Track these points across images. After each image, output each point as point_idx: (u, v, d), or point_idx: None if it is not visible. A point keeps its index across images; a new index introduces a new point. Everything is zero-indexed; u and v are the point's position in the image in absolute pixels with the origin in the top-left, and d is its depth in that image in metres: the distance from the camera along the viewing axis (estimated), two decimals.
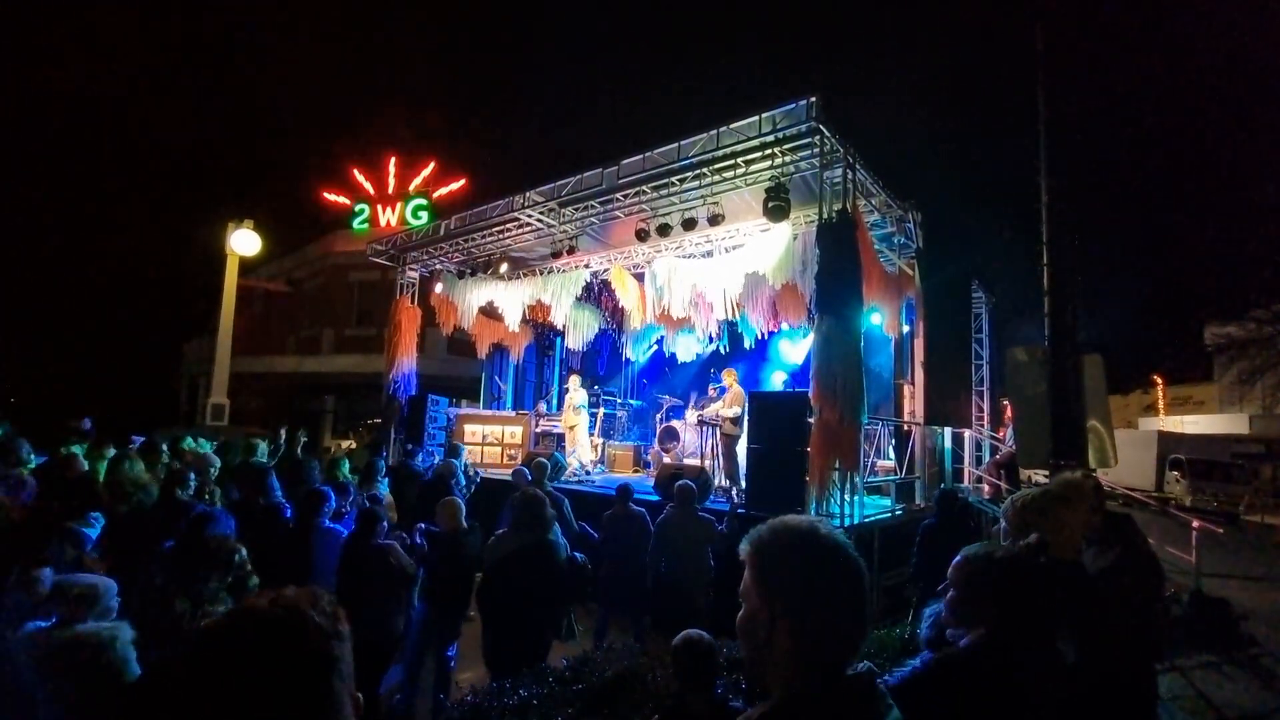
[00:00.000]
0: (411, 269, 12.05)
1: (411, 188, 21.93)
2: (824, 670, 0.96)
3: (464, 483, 6.89)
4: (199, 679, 0.73)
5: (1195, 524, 7.61)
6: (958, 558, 1.59)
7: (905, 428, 8.15)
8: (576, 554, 4.30)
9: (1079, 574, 2.38)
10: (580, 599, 4.42)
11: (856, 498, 6.13)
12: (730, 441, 8.07)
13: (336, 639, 0.80)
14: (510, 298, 10.71)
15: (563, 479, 8.86)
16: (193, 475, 4.71)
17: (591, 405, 11.59)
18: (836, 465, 5.96)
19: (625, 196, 8.51)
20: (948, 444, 8.65)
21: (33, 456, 4.98)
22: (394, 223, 20.93)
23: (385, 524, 4.32)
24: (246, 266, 18.08)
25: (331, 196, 22.57)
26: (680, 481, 5.53)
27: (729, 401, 8.18)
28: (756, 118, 6.90)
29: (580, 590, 4.27)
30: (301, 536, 4.28)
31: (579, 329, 11.18)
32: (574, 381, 10.47)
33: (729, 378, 8.60)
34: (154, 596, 3.04)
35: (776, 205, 7.10)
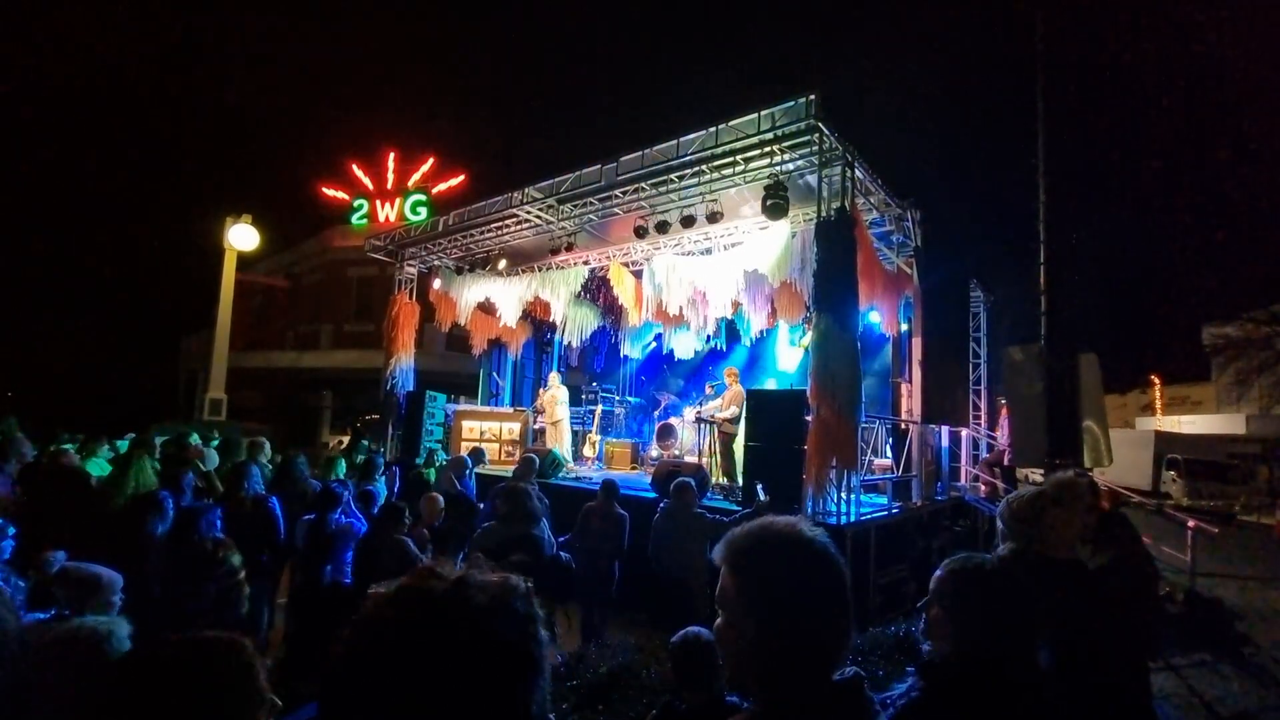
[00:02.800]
0: (410, 265, 12.03)
1: (410, 183, 21.90)
2: (808, 677, 0.94)
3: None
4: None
5: (1191, 524, 7.65)
6: (940, 571, 1.53)
7: (903, 426, 8.16)
8: (562, 554, 4.29)
9: (1077, 573, 2.38)
10: (563, 599, 4.34)
11: (853, 496, 6.14)
12: (728, 439, 8.08)
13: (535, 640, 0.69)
14: (508, 294, 10.71)
15: (559, 475, 8.87)
16: (192, 473, 4.73)
17: (590, 402, 11.61)
18: (833, 463, 5.97)
19: (624, 193, 8.51)
20: (945, 442, 8.66)
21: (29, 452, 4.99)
22: (392, 218, 20.90)
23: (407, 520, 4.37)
24: (245, 261, 18.06)
25: (330, 191, 22.52)
26: (678, 478, 5.50)
27: (727, 400, 8.18)
28: (755, 115, 6.90)
29: (564, 590, 4.21)
30: (318, 531, 4.38)
31: (577, 325, 11.17)
32: (554, 378, 10.54)
33: (729, 376, 8.61)
34: (150, 592, 3.05)
35: (775, 203, 7.10)
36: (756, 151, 7.22)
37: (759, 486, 6.01)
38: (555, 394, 10.35)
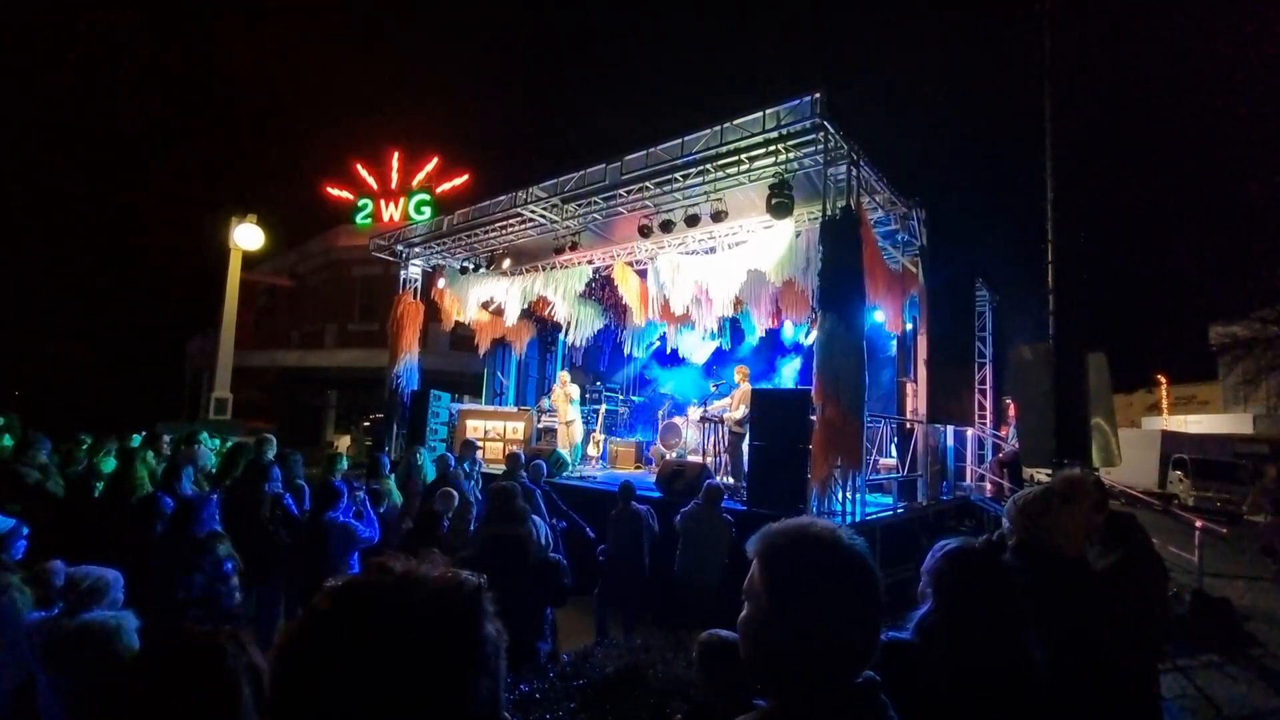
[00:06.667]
0: (414, 264, 12.05)
1: (414, 183, 21.93)
2: (825, 679, 0.94)
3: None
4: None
5: (1198, 524, 7.60)
6: (938, 560, 1.60)
7: (908, 425, 8.14)
8: (555, 554, 4.22)
9: (1081, 570, 2.37)
10: (555, 602, 4.21)
11: (858, 495, 6.13)
12: (737, 439, 8.06)
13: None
14: (512, 293, 10.72)
15: (564, 475, 8.89)
16: (190, 469, 4.76)
17: (594, 401, 11.62)
18: (838, 463, 5.96)
19: (629, 192, 8.50)
20: (950, 442, 8.64)
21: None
22: (397, 218, 20.94)
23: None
24: (250, 261, 18.12)
25: (335, 191, 22.57)
26: (709, 480, 5.59)
27: (737, 400, 8.16)
28: (760, 114, 6.87)
29: (553, 594, 4.08)
30: (314, 529, 4.35)
31: (581, 325, 11.17)
32: (564, 376, 10.57)
33: (739, 375, 8.60)
34: (149, 585, 3.09)
35: (780, 202, 7.09)
36: (761, 150, 7.20)
37: None
38: (569, 391, 10.39)
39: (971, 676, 1.35)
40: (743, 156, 7.32)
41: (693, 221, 8.13)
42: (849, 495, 6.03)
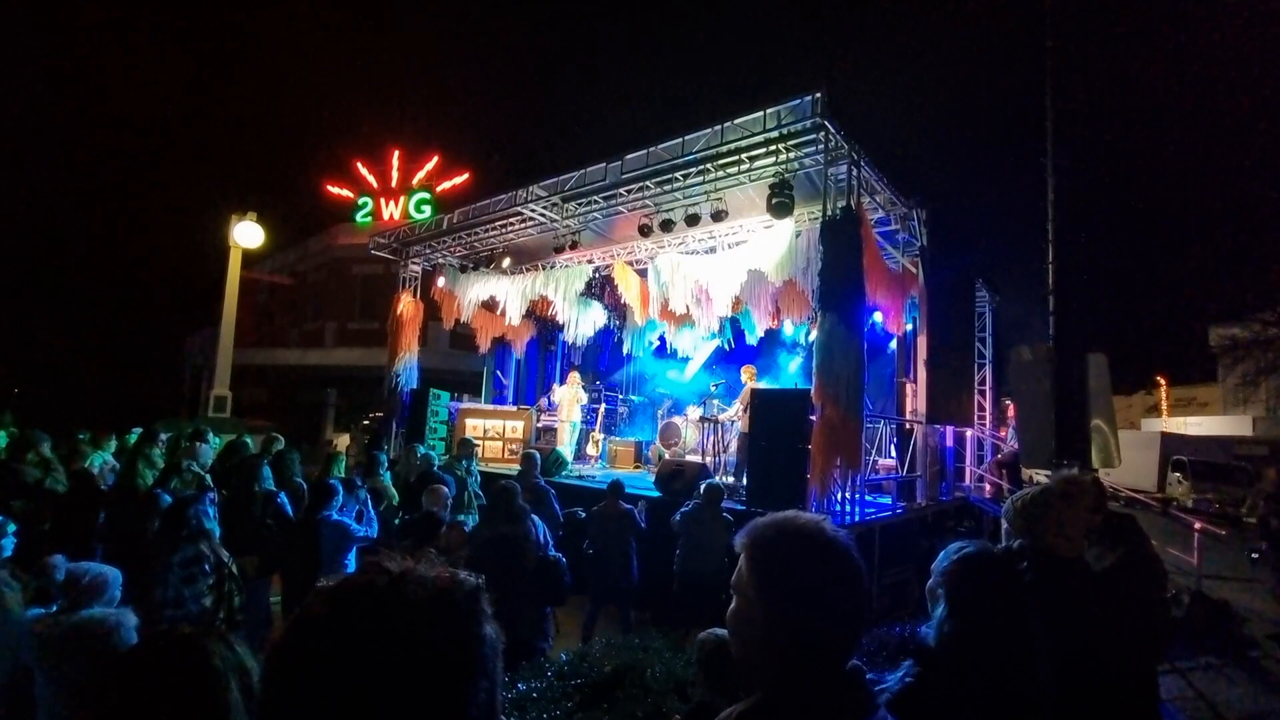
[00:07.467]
0: (414, 262, 12.05)
1: (414, 181, 21.93)
2: (812, 669, 0.95)
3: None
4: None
5: (1197, 525, 7.59)
6: (948, 561, 1.60)
7: (907, 426, 8.13)
8: (553, 552, 4.21)
9: (1082, 572, 2.37)
10: (555, 601, 4.19)
11: (857, 495, 6.12)
12: (746, 439, 8.05)
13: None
14: (513, 292, 10.72)
15: (564, 474, 8.89)
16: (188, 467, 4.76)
17: (594, 401, 11.62)
18: (838, 463, 5.95)
19: (629, 192, 8.49)
20: (949, 443, 8.63)
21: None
22: (397, 216, 20.94)
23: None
24: (250, 259, 18.07)
25: (335, 189, 22.57)
26: (709, 480, 5.58)
27: (745, 400, 8.16)
28: (761, 113, 6.87)
29: (553, 592, 4.08)
30: (308, 528, 4.32)
31: (581, 324, 11.16)
32: (575, 377, 10.57)
33: (746, 374, 8.57)
34: (138, 581, 3.09)
35: (780, 201, 7.08)
36: (762, 150, 7.19)
37: None
38: (579, 394, 10.42)
39: (976, 679, 1.35)
40: (743, 156, 7.32)
41: (693, 221, 8.13)
42: (848, 495, 6.03)
